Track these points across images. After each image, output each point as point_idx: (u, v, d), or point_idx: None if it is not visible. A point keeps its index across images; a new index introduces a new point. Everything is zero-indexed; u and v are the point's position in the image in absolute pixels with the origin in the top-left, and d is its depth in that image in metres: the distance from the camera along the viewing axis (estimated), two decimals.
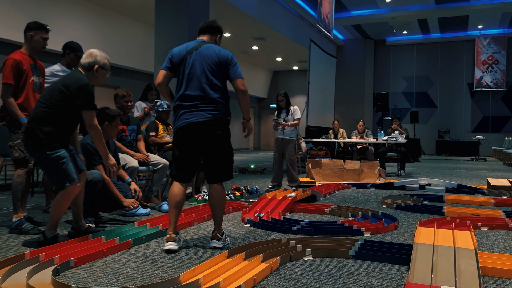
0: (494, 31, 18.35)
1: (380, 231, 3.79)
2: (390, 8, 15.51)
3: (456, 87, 19.34)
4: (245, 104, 3.25)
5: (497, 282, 2.56)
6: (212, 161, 3.17)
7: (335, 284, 2.50)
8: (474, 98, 19.06)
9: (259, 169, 9.35)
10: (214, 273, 2.48)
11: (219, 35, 3.41)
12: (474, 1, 14.64)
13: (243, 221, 4.14)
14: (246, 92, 3.22)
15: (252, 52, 17.53)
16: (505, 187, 6.61)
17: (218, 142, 3.13)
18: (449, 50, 19.42)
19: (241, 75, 3.20)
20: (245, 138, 22.40)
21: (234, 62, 3.21)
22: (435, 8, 15.18)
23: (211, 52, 3.18)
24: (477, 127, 18.95)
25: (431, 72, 19.75)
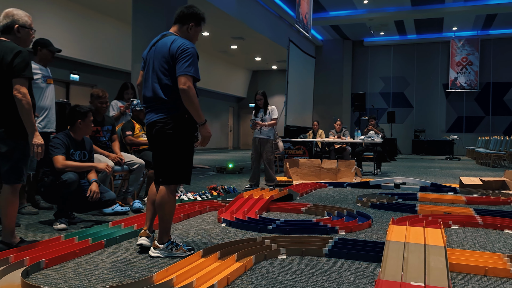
0: (468, 33, 18.79)
1: (354, 230, 3.84)
2: (367, 9, 15.72)
3: (432, 87, 19.74)
4: (188, 105, 2.83)
5: (465, 278, 2.64)
6: (160, 162, 2.95)
7: (308, 282, 2.53)
8: (448, 98, 19.48)
9: (237, 169, 9.35)
10: (188, 273, 2.47)
11: (192, 23, 3.00)
12: (448, 3, 14.97)
13: (219, 220, 4.14)
14: (187, 92, 2.78)
15: (231, 52, 17.52)
16: (476, 186, 6.78)
17: (168, 142, 2.88)
18: (424, 51, 19.80)
19: (187, 71, 2.80)
20: (224, 138, 22.38)
21: (183, 55, 2.82)
22: (411, 9, 15.45)
23: (164, 47, 2.90)
24: (452, 127, 19.38)
25: (407, 73, 20.10)
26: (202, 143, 2.96)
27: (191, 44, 2.93)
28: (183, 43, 2.88)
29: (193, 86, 2.84)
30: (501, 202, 5.49)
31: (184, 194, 5.33)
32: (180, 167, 2.92)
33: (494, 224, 4.04)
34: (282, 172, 9.18)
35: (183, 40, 2.92)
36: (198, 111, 2.88)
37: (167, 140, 2.89)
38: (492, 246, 3.40)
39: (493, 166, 12.41)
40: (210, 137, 2.99)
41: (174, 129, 2.87)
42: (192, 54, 2.87)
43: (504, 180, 6.94)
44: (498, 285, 2.52)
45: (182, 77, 2.80)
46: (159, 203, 2.92)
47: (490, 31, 18.38)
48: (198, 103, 2.86)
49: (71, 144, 3.87)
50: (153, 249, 2.96)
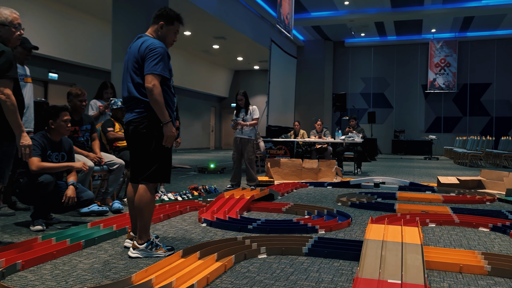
0: (446, 35, 19.15)
1: (334, 229, 3.88)
2: (348, 10, 15.88)
3: (411, 88, 20.05)
4: (153, 103, 2.81)
5: (441, 275, 2.69)
6: (137, 161, 2.97)
7: (287, 281, 2.54)
8: (427, 99, 19.81)
9: (218, 169, 9.34)
10: (167, 273, 2.47)
11: (161, 22, 3.00)
12: (427, 6, 15.23)
13: (199, 220, 4.13)
14: (151, 90, 2.78)
15: (213, 51, 17.48)
16: (453, 185, 6.92)
17: (143, 141, 2.89)
18: (404, 52, 20.10)
19: (153, 70, 2.81)
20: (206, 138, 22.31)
21: (151, 54, 2.84)
22: (391, 11, 15.67)
23: (135, 48, 2.93)
24: (430, 127, 19.72)
25: (387, 74, 20.37)
26: (165, 143, 2.89)
27: (160, 44, 2.93)
28: (152, 43, 2.90)
29: (159, 85, 2.82)
30: (477, 201, 5.61)
31: (164, 194, 5.30)
32: (156, 166, 2.92)
33: (469, 222, 4.14)
34: (263, 172, 9.20)
35: (153, 40, 2.95)
36: (163, 109, 2.84)
37: (141, 139, 2.90)
38: (468, 243, 3.48)
39: (470, 166, 12.67)
40: (174, 137, 2.92)
41: (148, 128, 2.88)
42: (160, 53, 2.86)
43: (480, 179, 7.10)
44: (473, 281, 2.58)
45: (148, 75, 2.82)
46: (138, 203, 2.92)
47: (468, 33, 18.77)
48: (163, 102, 2.84)
49: (48, 145, 3.80)
50: (132, 249, 2.94)
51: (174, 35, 3.09)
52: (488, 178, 7.09)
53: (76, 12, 12.07)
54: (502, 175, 6.80)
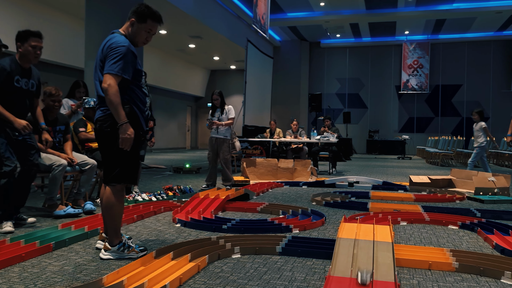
0: (419, 37, 19.55)
1: (308, 228, 3.92)
2: (324, 12, 16.04)
3: (385, 89, 20.39)
4: (108, 103, 2.75)
5: (411, 272, 2.75)
6: (103, 160, 2.94)
7: (260, 280, 2.55)
8: (401, 100, 20.19)
9: (194, 169, 9.29)
10: (140, 274, 2.44)
11: (132, 19, 2.91)
12: (401, 8, 15.52)
13: (174, 220, 4.10)
14: (106, 90, 2.71)
15: (189, 50, 17.37)
16: (425, 184, 7.08)
17: (107, 140, 2.84)
18: (378, 54, 20.42)
19: (110, 70, 2.74)
20: (182, 138, 22.16)
21: (111, 54, 2.78)
22: (365, 13, 15.90)
23: (102, 45, 2.89)
24: (404, 127, 20.11)
25: (362, 75, 20.66)
26: (121, 145, 2.80)
27: (124, 43, 2.83)
28: (115, 42, 2.81)
29: (115, 85, 2.74)
30: (447, 199, 5.75)
31: (138, 194, 5.24)
32: (122, 166, 2.87)
33: (439, 220, 4.24)
34: (239, 171, 9.20)
35: (118, 38, 2.85)
36: (118, 110, 2.74)
37: (106, 138, 2.85)
38: (437, 241, 3.56)
39: (441, 165, 12.97)
40: (130, 140, 2.78)
41: (112, 127, 2.81)
42: (121, 52, 2.77)
43: (451, 178, 7.28)
44: (441, 278, 2.65)
45: (105, 75, 2.76)
46: (105, 204, 2.89)
47: (440, 35, 19.22)
48: (118, 102, 2.74)
49: (15, 70, 3.70)
50: (104, 251, 2.90)
51: (146, 34, 2.96)
52: (458, 177, 7.28)
53: (48, 9, 11.79)
54: (471, 174, 6.99)
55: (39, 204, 4.91)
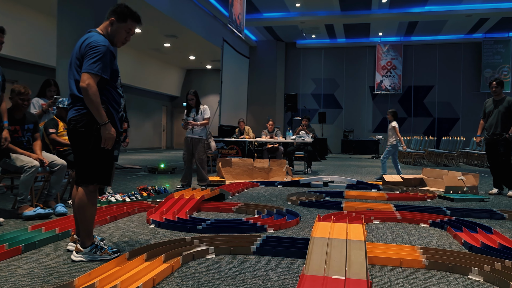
0: (392, 38, 19.91)
1: (283, 227, 3.94)
2: (299, 12, 16.15)
3: (359, 89, 20.68)
4: (88, 103, 2.71)
5: (382, 270, 2.80)
6: (76, 161, 2.88)
7: (235, 280, 2.56)
8: (375, 100, 20.51)
9: (169, 169, 9.21)
10: (112, 276, 2.41)
11: (112, 18, 2.90)
12: (374, 10, 15.77)
13: (148, 221, 4.06)
14: (85, 90, 2.67)
15: (164, 50, 17.21)
16: (397, 183, 7.21)
17: (81, 140, 2.80)
18: (353, 55, 20.70)
19: (90, 69, 2.70)
20: (157, 137, 21.94)
21: (90, 52, 2.73)
22: (340, 14, 16.09)
23: (79, 43, 2.84)
24: (378, 127, 20.44)
25: (337, 75, 20.89)
26: (104, 145, 2.80)
27: (103, 42, 2.80)
28: (94, 40, 2.78)
29: (94, 84, 2.71)
30: (419, 198, 5.88)
31: (112, 195, 5.16)
32: (95, 167, 2.84)
33: (411, 218, 4.33)
34: (215, 172, 9.17)
35: (97, 37, 2.82)
36: (99, 110, 2.73)
37: (79, 138, 2.81)
38: (408, 239, 3.64)
39: (413, 164, 13.25)
40: (112, 139, 2.80)
41: (86, 127, 2.78)
42: (101, 52, 2.75)
43: (422, 177, 7.44)
44: (411, 275, 2.71)
45: (84, 74, 2.71)
46: (77, 206, 2.84)
47: (412, 37, 19.61)
48: (98, 102, 2.72)
49: None
50: (76, 253, 2.85)
51: (125, 34, 2.96)
52: (429, 176, 7.45)
53: (18, 6, 11.49)
54: (442, 173, 7.16)
55: (9, 206, 4.78)
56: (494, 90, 6.57)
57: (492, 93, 6.62)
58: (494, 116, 6.52)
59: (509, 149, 6.45)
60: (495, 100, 6.61)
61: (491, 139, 6.56)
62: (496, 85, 6.55)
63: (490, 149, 6.63)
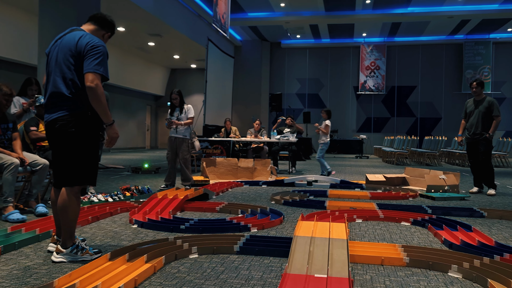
0: (376, 39, 20.09)
1: (266, 226, 3.95)
2: (284, 12, 16.18)
3: (344, 89, 20.83)
4: (96, 104, 2.72)
5: (364, 268, 2.83)
6: (62, 162, 2.80)
7: (217, 279, 2.56)
8: (359, 100, 20.68)
9: (153, 169, 9.15)
10: (93, 277, 2.38)
11: (108, 33, 3.04)
12: (358, 11, 15.89)
13: (130, 221, 4.03)
14: (95, 90, 2.67)
15: (149, 49, 17.08)
16: (380, 182, 7.29)
17: (70, 141, 2.76)
18: (337, 55, 20.83)
19: (96, 69, 2.70)
20: (141, 137, 21.77)
21: (93, 52, 2.73)
22: (324, 15, 16.18)
23: (71, 40, 2.79)
24: (362, 127, 20.62)
25: (322, 75, 21.00)
26: (109, 144, 2.85)
27: (102, 42, 2.84)
28: (93, 40, 2.80)
29: (101, 85, 2.73)
30: (401, 197, 5.96)
31: (94, 195, 5.11)
32: (83, 167, 2.81)
33: (393, 217, 4.38)
34: (199, 171, 9.14)
35: (93, 36, 2.84)
36: (106, 110, 2.76)
37: (69, 139, 2.77)
38: (390, 237, 3.68)
39: (396, 164, 13.40)
40: (117, 138, 2.87)
41: (77, 127, 2.76)
42: (103, 52, 2.78)
43: (404, 176, 7.54)
44: (392, 273, 2.74)
45: (90, 74, 2.69)
46: (61, 206, 2.79)
47: (395, 38, 19.82)
48: (106, 102, 2.76)
49: None
50: (56, 254, 2.81)
51: None
52: (411, 175, 7.54)
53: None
54: (424, 172, 7.26)
55: None
56: (475, 91, 6.68)
57: (473, 93, 6.74)
58: (475, 116, 6.63)
59: (489, 149, 6.57)
60: (475, 100, 6.73)
61: (472, 138, 6.67)
62: (476, 86, 6.66)
63: (471, 148, 6.74)
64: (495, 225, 4.33)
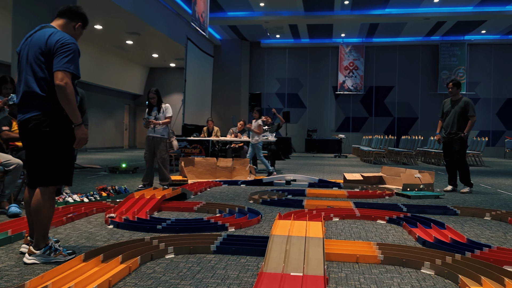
0: (354, 40, 20.32)
1: (244, 226, 3.95)
2: (264, 12, 16.22)
3: (323, 89, 20.99)
4: (65, 103, 2.66)
5: (339, 266, 2.86)
6: (36, 162, 2.75)
7: (193, 279, 2.55)
8: (338, 100, 20.88)
9: (131, 168, 9.05)
10: (66, 278, 2.35)
11: (79, 23, 2.93)
12: (337, 11, 16.04)
13: (106, 222, 3.98)
14: (64, 89, 2.61)
15: (126, 47, 16.88)
16: (358, 181, 7.38)
17: (45, 140, 2.71)
18: (316, 55, 20.98)
19: (66, 67, 2.65)
20: (119, 136, 21.51)
21: (63, 50, 2.67)
22: (303, 15, 16.28)
23: (41, 38, 2.73)
24: (340, 126, 20.82)
25: (301, 75, 21.12)
26: (77, 145, 2.78)
27: (73, 40, 2.78)
28: (63, 37, 2.74)
29: (71, 83, 2.68)
30: (377, 195, 6.04)
31: (69, 195, 5.02)
32: (58, 167, 2.77)
33: (369, 215, 4.44)
34: (178, 171, 9.08)
35: (63, 34, 2.78)
36: (75, 110, 2.71)
37: (43, 139, 2.72)
38: (366, 235, 3.74)
39: (374, 163, 13.58)
40: (86, 139, 2.81)
41: (51, 126, 2.71)
42: (73, 50, 2.73)
43: (381, 175, 7.64)
44: (367, 270, 2.78)
45: (60, 72, 2.65)
46: (35, 207, 2.74)
47: (373, 39, 20.08)
48: (75, 102, 2.71)
49: None
50: (28, 255, 2.75)
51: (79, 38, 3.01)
52: (388, 174, 7.66)
53: None
54: (400, 171, 7.38)
55: None
56: (451, 91, 6.83)
57: (449, 93, 6.89)
58: (451, 116, 6.76)
59: (464, 148, 6.72)
60: (452, 100, 6.87)
61: (447, 138, 6.81)
62: (452, 86, 6.81)
63: (447, 147, 6.88)
64: (468, 222, 4.43)
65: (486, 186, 7.80)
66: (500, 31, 18.36)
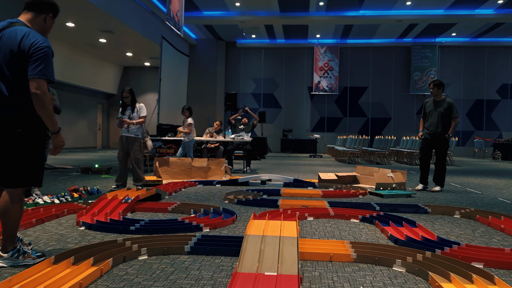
0: (329, 40, 20.53)
1: (219, 226, 3.94)
2: (239, 12, 16.21)
3: (298, 90, 21.14)
4: (41, 111, 2.59)
5: (313, 265, 2.89)
6: (3, 163, 2.67)
7: (167, 280, 2.52)
8: (313, 100, 21.05)
9: (104, 169, 8.90)
10: (35, 281, 2.29)
11: (50, 14, 2.80)
12: (312, 12, 16.18)
13: (78, 223, 3.90)
14: (40, 97, 2.55)
15: (100, 45, 16.58)
16: (332, 181, 7.45)
17: (16, 142, 2.64)
18: (292, 55, 21.10)
19: (43, 74, 2.56)
20: (92, 136, 21.13)
21: (39, 55, 2.57)
22: (279, 15, 16.35)
23: (13, 39, 2.60)
24: (315, 126, 21.01)
25: (277, 75, 21.21)
26: (53, 152, 2.73)
27: (47, 42, 2.66)
28: (37, 40, 2.61)
29: (47, 91, 2.61)
30: (351, 195, 6.12)
31: (39, 197, 4.90)
32: (28, 168, 2.70)
33: (343, 214, 4.49)
34: (152, 171, 8.98)
35: (36, 35, 2.64)
36: (52, 117, 2.64)
37: (14, 140, 2.64)
38: (340, 234, 3.78)
39: (348, 162, 13.75)
40: (63, 146, 2.78)
41: (23, 127, 2.64)
42: (47, 54, 2.62)
43: (355, 175, 7.74)
44: (340, 269, 2.81)
45: (36, 80, 2.56)
46: (3, 209, 2.66)
47: (348, 40, 20.34)
48: (52, 109, 2.64)
49: None
50: None
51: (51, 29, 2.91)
52: (361, 173, 7.76)
53: None
54: (373, 170, 7.49)
55: None
56: (432, 92, 6.94)
57: (431, 93, 7.00)
58: (435, 116, 6.85)
59: (446, 148, 6.86)
60: (435, 100, 6.96)
61: (431, 138, 6.89)
62: (433, 86, 6.91)
63: (427, 144, 6.96)
64: (438, 220, 4.54)
65: (456, 185, 8.01)
66: (469, 34, 18.88)
